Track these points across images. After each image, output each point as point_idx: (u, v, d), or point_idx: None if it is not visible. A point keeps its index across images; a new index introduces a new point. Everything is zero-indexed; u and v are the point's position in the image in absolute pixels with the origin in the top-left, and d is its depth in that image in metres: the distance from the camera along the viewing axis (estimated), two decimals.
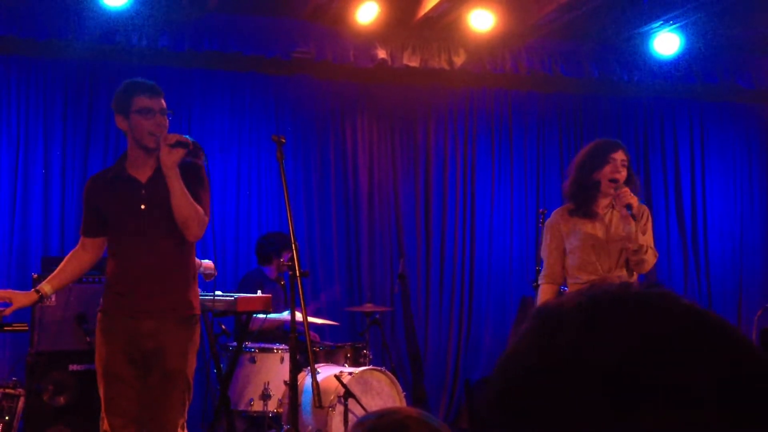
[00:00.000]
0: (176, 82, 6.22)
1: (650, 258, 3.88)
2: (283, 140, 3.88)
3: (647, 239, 3.89)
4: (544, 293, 4.01)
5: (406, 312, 6.68)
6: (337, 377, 4.95)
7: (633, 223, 3.81)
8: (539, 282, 4.11)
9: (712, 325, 0.65)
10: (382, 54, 6.34)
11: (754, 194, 7.42)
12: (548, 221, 4.15)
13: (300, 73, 6.56)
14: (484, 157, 6.98)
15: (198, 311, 3.57)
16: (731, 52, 6.85)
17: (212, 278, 4.33)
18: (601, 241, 3.89)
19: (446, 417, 6.56)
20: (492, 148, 7.00)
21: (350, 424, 4.86)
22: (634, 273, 3.93)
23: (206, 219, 3.51)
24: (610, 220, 3.95)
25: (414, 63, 6.44)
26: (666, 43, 6.49)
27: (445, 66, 6.52)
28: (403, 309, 6.68)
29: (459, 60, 6.52)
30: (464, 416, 6.67)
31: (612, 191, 3.92)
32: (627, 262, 3.90)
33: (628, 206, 3.81)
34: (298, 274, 3.58)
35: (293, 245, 3.63)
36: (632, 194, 3.86)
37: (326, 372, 5.20)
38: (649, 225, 3.96)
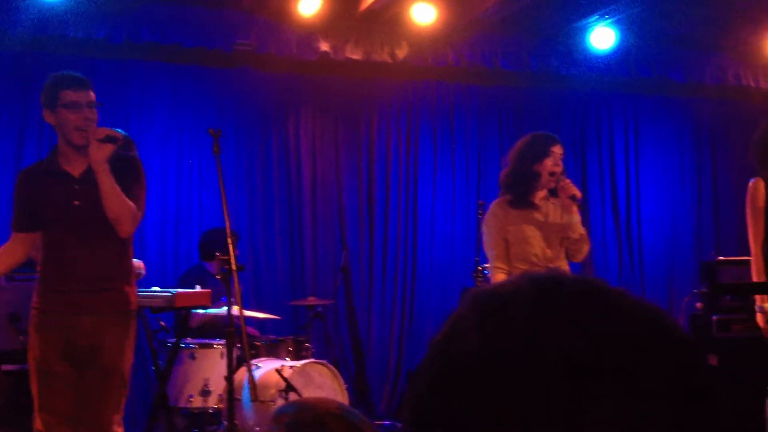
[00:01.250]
0: (114, 74, 6.12)
1: (586, 247, 3.98)
2: (219, 133, 3.83)
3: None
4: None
5: (349, 305, 6.71)
6: (278, 371, 4.95)
7: (577, 212, 3.90)
8: (493, 273, 4.14)
9: (654, 314, 0.66)
10: (324, 47, 6.33)
11: (685, 185, 7.62)
12: (488, 213, 4.21)
13: (242, 65, 6.51)
14: (426, 150, 7.03)
15: (135, 307, 3.54)
16: (665, 46, 7.01)
17: (140, 277, 4.28)
18: (540, 231, 3.97)
19: (389, 408, 6.61)
20: (434, 141, 7.05)
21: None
22: (572, 261, 4.03)
23: (140, 215, 3.47)
24: (548, 211, 4.03)
25: (357, 56, 6.45)
26: (602, 37, 6.62)
27: (388, 59, 6.54)
28: (345, 302, 6.70)
29: (401, 53, 6.55)
30: (407, 407, 6.72)
31: (551, 184, 4.00)
32: (566, 251, 3.99)
33: (573, 197, 3.90)
34: (233, 269, 3.56)
35: (229, 240, 3.60)
36: (573, 184, 3.96)
37: (268, 366, 5.19)
38: (578, 217, 4.07)
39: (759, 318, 4.04)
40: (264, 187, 6.59)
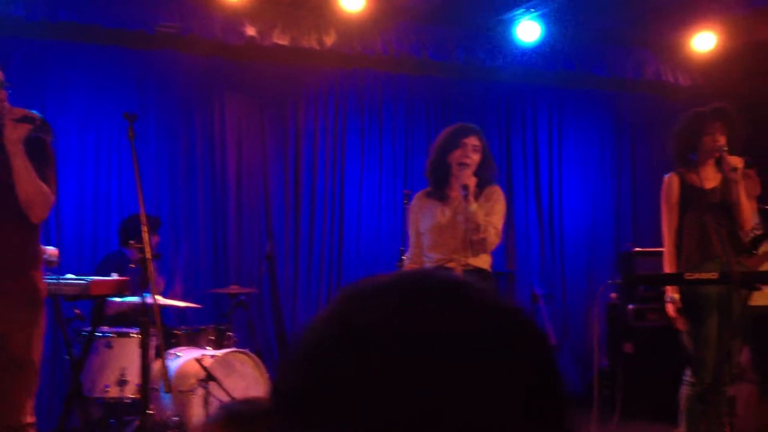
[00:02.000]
0: (31, 54, 5.92)
1: (491, 238, 4.01)
2: (135, 118, 3.74)
3: (493, 219, 4.01)
4: None
5: (274, 294, 6.65)
6: (198, 360, 4.88)
7: (471, 203, 3.93)
8: (404, 264, 4.19)
9: (515, 319, 0.68)
10: (251, 31, 6.23)
11: (605, 177, 7.80)
12: (410, 204, 4.25)
13: (164, 47, 6.36)
14: (353, 138, 7.01)
15: (44, 294, 3.43)
16: (588, 41, 7.15)
17: (54, 265, 4.15)
18: (447, 222, 4.02)
19: None
20: (362, 129, 7.04)
21: (211, 408, 4.81)
22: (479, 253, 4.06)
23: (52, 199, 3.36)
24: (459, 203, 4.07)
25: (284, 41, 6.37)
26: (528, 30, 6.71)
27: (316, 46, 6.48)
28: (270, 291, 6.64)
29: (329, 40, 6.50)
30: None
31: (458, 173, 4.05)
32: (471, 242, 4.02)
33: (464, 187, 3.93)
34: (147, 257, 3.48)
35: (143, 227, 3.52)
36: (470, 176, 3.98)
37: (188, 355, 5.11)
38: (498, 206, 4.08)
39: (669, 308, 4.16)
40: (187, 173, 6.47)
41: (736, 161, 4.08)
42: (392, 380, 0.61)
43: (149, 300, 3.68)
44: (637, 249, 6.64)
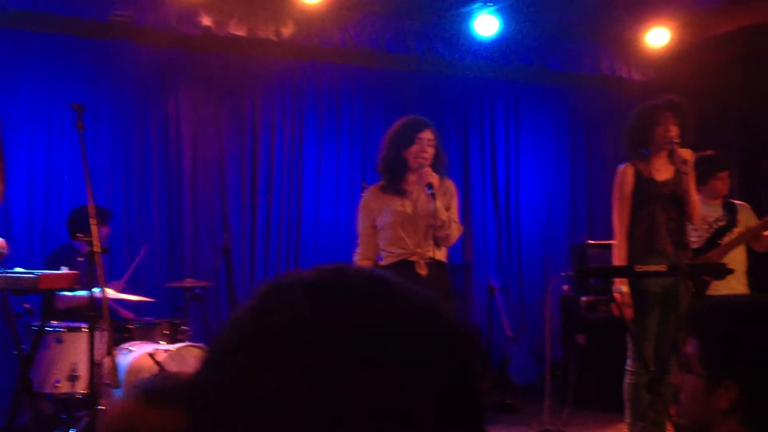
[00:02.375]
0: None
1: (455, 232, 4.04)
2: (83, 109, 3.68)
3: (452, 213, 4.04)
4: None
5: (230, 287, 6.60)
6: (151, 355, 4.83)
7: (434, 200, 3.94)
8: (355, 259, 4.17)
9: (437, 317, 0.67)
10: (206, 21, 6.16)
11: (561, 171, 7.89)
12: (362, 199, 4.23)
13: (119, 37, 6.26)
14: (311, 131, 6.98)
15: None
16: (545, 35, 7.20)
17: (2, 257, 4.07)
18: (409, 217, 4.01)
19: None
20: (320, 122, 7.02)
21: None
22: (441, 247, 4.08)
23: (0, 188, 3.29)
24: (418, 197, 4.07)
25: (241, 32, 6.31)
26: (485, 24, 6.73)
27: (273, 37, 6.43)
28: (226, 284, 6.59)
29: (287, 31, 6.46)
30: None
31: (417, 169, 4.04)
32: (435, 237, 4.03)
33: (429, 185, 3.94)
34: (95, 250, 3.43)
35: (91, 220, 3.46)
36: (432, 173, 3.99)
37: (140, 350, 5.04)
38: (454, 200, 4.11)
39: (616, 299, 4.23)
40: (141, 164, 6.38)
41: (687, 154, 4.14)
42: (282, 390, 0.60)
43: (98, 294, 3.62)
44: (591, 241, 6.73)
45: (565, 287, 6.77)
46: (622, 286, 4.16)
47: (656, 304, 4.10)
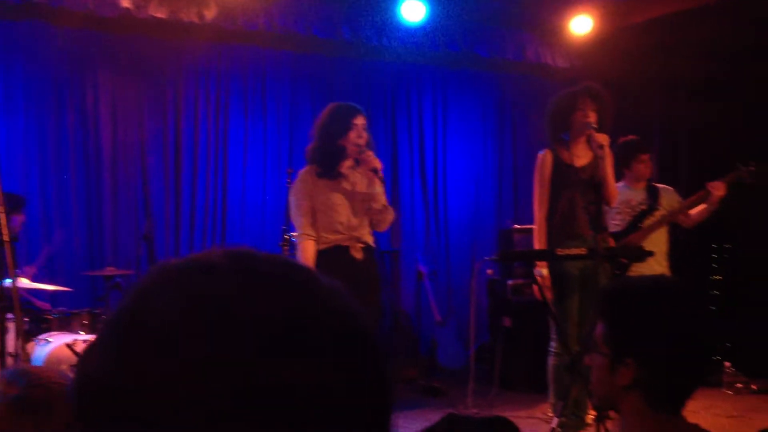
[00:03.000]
0: None
1: (390, 217, 4.05)
2: None
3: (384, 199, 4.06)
4: (305, 250, 4.04)
5: None
6: (70, 345, 4.71)
7: (379, 184, 3.93)
8: (300, 240, 4.11)
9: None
10: (125, 3, 5.97)
11: (488, 157, 7.96)
12: (296, 181, 4.19)
13: (34, 19, 6.03)
14: (236, 115, 6.87)
15: None
16: (472, 22, 7.24)
17: None
18: (347, 201, 3.99)
19: None
20: (245, 107, 6.91)
21: None
22: (375, 230, 4.09)
23: None
24: (355, 180, 4.05)
25: (161, 14, 6.14)
26: (413, 10, 6.73)
27: (195, 20, 6.29)
28: None
29: (210, 14, 6.32)
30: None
31: (356, 155, 4.02)
32: (371, 220, 4.04)
33: (375, 170, 3.93)
34: (5, 239, 3.31)
35: None
36: (375, 157, 3.99)
37: (59, 340, 4.92)
38: (383, 186, 4.12)
39: (538, 282, 4.30)
40: (58, 149, 6.18)
41: (603, 139, 4.23)
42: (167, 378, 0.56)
43: (7, 284, 3.50)
44: (517, 226, 6.82)
45: (490, 271, 6.84)
46: (542, 269, 4.23)
47: (576, 286, 4.18)
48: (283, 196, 6.68)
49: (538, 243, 4.31)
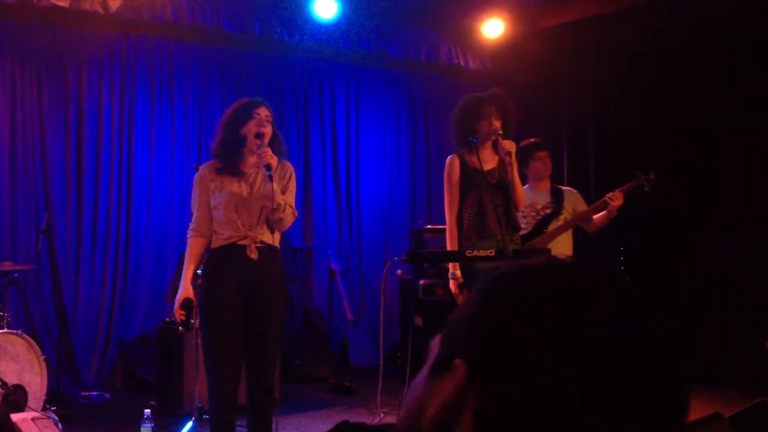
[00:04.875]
0: None
1: (288, 217, 3.95)
2: None
3: (288, 197, 3.96)
4: (192, 246, 3.94)
5: (53, 270, 6.24)
6: None
7: (271, 182, 3.85)
8: (188, 235, 4.02)
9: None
10: None
11: (401, 156, 7.99)
12: (197, 176, 4.07)
13: None
14: (143, 108, 6.68)
15: None
16: (384, 21, 7.25)
17: None
18: (244, 199, 3.90)
19: (98, 377, 6.27)
20: (152, 99, 6.72)
21: None
22: (275, 231, 3.99)
23: None
24: (255, 179, 3.96)
25: (63, 3, 5.91)
26: (325, 6, 6.69)
27: (99, 9, 6.09)
28: (49, 267, 6.22)
29: (114, 4, 6.14)
30: (117, 376, 6.43)
31: (256, 148, 3.92)
32: (268, 220, 3.95)
33: (268, 167, 3.84)
34: None
35: None
36: (272, 155, 3.89)
37: None
38: (292, 184, 4.03)
39: (452, 284, 4.32)
40: None
41: (510, 146, 4.30)
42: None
43: None
44: (429, 226, 6.87)
45: (399, 272, 6.87)
46: (455, 271, 4.27)
47: None
48: (190, 190, 6.54)
49: (450, 245, 4.35)
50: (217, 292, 3.83)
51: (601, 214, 5.02)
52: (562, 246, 4.90)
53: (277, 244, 4.00)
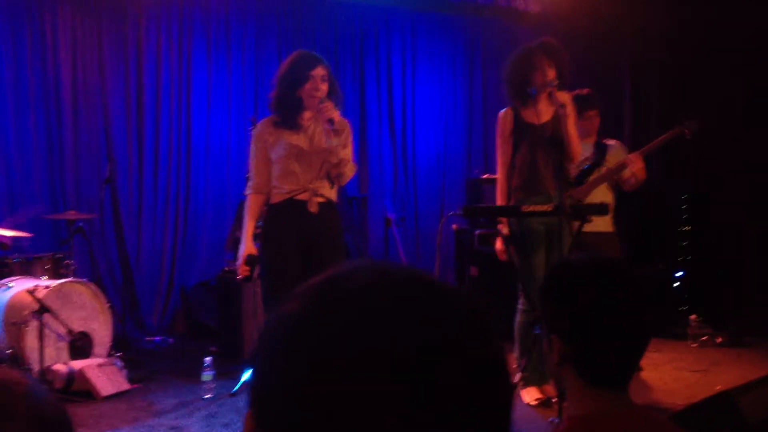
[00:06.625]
0: None
1: (349, 171, 3.96)
2: None
3: (347, 153, 3.96)
4: (252, 203, 3.99)
5: (116, 219, 6.38)
6: (30, 292, 4.65)
7: (335, 137, 3.84)
8: (246, 192, 4.05)
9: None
10: None
11: (457, 104, 7.87)
12: (255, 132, 4.08)
13: None
14: (199, 57, 6.69)
15: None
16: None
17: None
18: (305, 152, 3.91)
19: (161, 322, 6.45)
20: (208, 48, 6.72)
21: (47, 339, 4.62)
22: (335, 184, 4.00)
23: None
24: (314, 132, 3.96)
25: None
26: None
27: None
28: (113, 215, 6.36)
29: None
30: (180, 322, 6.60)
31: (315, 105, 3.91)
32: (328, 173, 3.95)
33: (330, 121, 3.83)
34: None
35: None
36: (334, 108, 3.88)
37: (20, 286, 4.87)
38: (350, 140, 4.02)
39: (497, 241, 4.28)
40: (17, 91, 5.98)
41: (564, 97, 4.18)
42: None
43: None
44: (485, 176, 6.79)
45: (455, 226, 6.84)
46: (503, 228, 4.22)
47: (541, 242, 4.18)
48: (247, 140, 6.58)
49: (500, 199, 4.29)
50: (277, 246, 3.87)
51: (630, 175, 4.82)
52: (602, 197, 4.77)
53: (335, 198, 4.02)
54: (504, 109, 4.37)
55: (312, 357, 0.60)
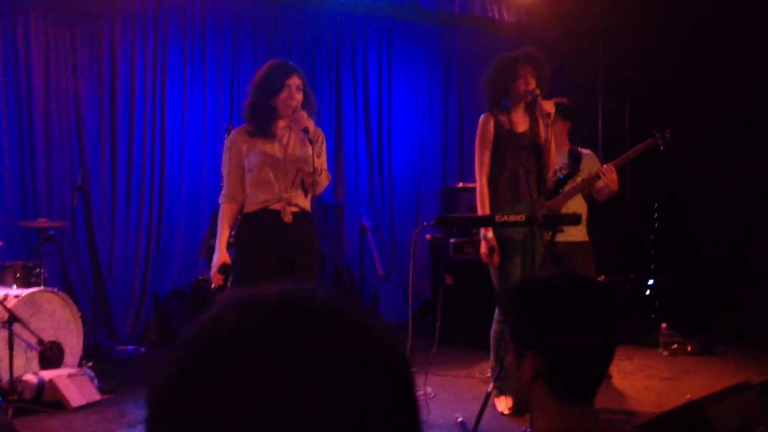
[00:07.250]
0: None
1: (324, 180, 3.96)
2: None
3: (321, 162, 3.95)
4: (225, 212, 3.97)
5: (88, 226, 6.31)
6: (0, 302, 4.58)
7: (309, 146, 3.84)
8: (220, 200, 4.03)
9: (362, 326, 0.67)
10: None
11: (433, 112, 7.89)
12: (228, 140, 4.07)
13: None
14: (175, 63, 6.64)
15: None
16: None
17: None
18: (279, 160, 3.90)
19: (133, 331, 6.39)
20: (184, 54, 6.68)
21: (17, 348, 4.55)
22: (309, 193, 3.99)
23: None
24: (288, 141, 3.95)
25: None
26: None
27: None
28: (85, 223, 6.30)
29: None
30: (153, 330, 6.54)
31: (289, 114, 3.91)
32: (303, 183, 3.94)
33: (305, 130, 3.83)
34: None
35: None
36: (309, 118, 3.88)
37: None
38: (324, 148, 4.02)
39: (483, 245, 4.29)
40: None
41: (549, 107, 4.20)
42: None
43: None
44: (461, 184, 6.81)
45: (429, 236, 6.85)
46: (487, 233, 4.22)
47: (518, 251, 4.19)
48: (222, 148, 6.54)
49: (482, 208, 4.29)
50: (252, 255, 3.85)
51: (603, 185, 4.84)
52: (576, 206, 4.79)
53: (309, 208, 4.01)
54: (485, 114, 4.36)
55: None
